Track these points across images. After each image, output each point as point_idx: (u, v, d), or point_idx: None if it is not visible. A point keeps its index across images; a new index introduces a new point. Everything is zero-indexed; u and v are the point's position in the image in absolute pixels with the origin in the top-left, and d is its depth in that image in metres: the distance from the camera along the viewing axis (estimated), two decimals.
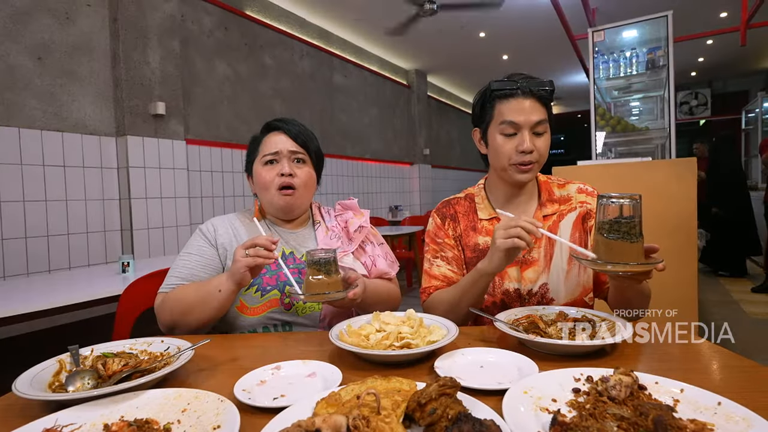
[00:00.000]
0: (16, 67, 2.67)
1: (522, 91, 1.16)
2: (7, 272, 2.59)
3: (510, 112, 1.16)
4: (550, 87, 1.18)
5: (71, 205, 2.92)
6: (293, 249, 1.33)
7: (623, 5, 4.93)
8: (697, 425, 0.57)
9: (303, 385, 0.77)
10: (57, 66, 2.86)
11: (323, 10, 5.18)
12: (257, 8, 4.63)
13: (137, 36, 3.19)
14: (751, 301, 4.28)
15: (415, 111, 7.55)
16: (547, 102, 1.19)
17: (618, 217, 0.88)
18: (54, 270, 2.80)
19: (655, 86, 3.87)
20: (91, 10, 3.04)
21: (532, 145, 1.15)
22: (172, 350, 0.88)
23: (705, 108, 9.45)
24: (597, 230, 0.92)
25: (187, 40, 3.75)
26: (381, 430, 0.57)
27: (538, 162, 1.19)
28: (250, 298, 1.20)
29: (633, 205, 0.88)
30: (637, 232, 0.88)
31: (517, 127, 1.16)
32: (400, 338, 0.88)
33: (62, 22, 2.89)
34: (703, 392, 0.64)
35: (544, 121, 1.17)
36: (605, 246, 0.89)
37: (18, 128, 2.66)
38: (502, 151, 1.19)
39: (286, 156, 1.29)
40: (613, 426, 0.56)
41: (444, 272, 1.27)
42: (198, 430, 0.61)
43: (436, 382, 0.62)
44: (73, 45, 2.94)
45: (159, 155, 3.32)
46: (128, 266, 2.15)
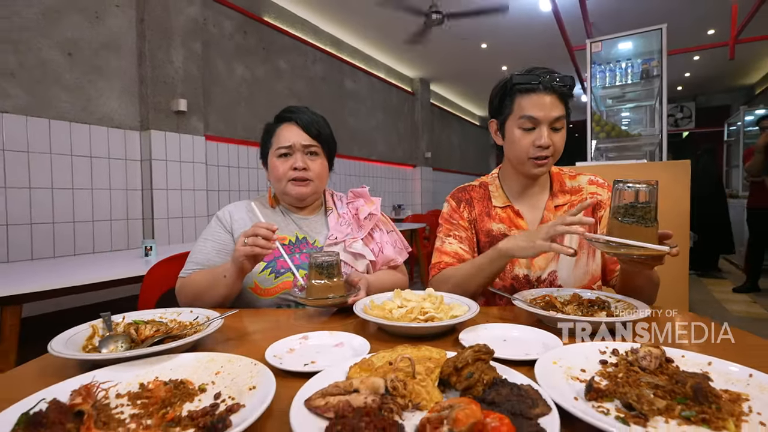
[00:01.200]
0: (48, 61, 2.64)
1: (543, 86, 1.10)
2: (35, 255, 2.56)
3: (530, 107, 1.11)
4: (571, 83, 1.13)
5: (96, 193, 2.88)
6: (306, 235, 1.29)
7: (615, 22, 4.90)
8: (732, 395, 0.54)
9: (331, 353, 0.73)
10: (86, 62, 2.83)
11: (335, 19, 5.15)
12: (274, 15, 4.60)
13: (162, 37, 3.16)
14: (733, 301, 4.24)
15: (418, 117, 7.51)
16: (566, 98, 1.14)
17: (634, 201, 0.84)
18: (79, 254, 2.76)
19: (647, 96, 3.83)
20: (120, 10, 3.01)
21: (550, 141, 1.11)
22: (201, 319, 0.85)
23: (690, 120, 9.41)
24: (612, 215, 0.87)
25: (209, 43, 3.72)
26: (417, 393, 0.54)
27: (554, 156, 1.15)
28: (264, 279, 1.17)
29: (650, 191, 0.84)
30: (652, 217, 0.83)
31: (536, 122, 1.11)
32: (423, 312, 0.84)
33: (92, 21, 2.86)
34: (732, 365, 0.61)
35: (563, 117, 1.13)
36: (620, 229, 0.84)
37: (48, 119, 2.63)
38: (520, 146, 1.14)
39: (300, 150, 1.25)
40: (650, 393, 0.53)
41: (456, 249, 1.23)
42: (233, 390, 0.58)
43: (471, 348, 0.58)
44: (101, 43, 2.91)
45: (180, 149, 3.28)
46: (151, 250, 2.12)
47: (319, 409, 0.50)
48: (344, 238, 1.26)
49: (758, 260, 4.47)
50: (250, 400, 0.54)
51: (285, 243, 1.24)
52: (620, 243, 0.82)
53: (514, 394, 0.51)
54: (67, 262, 2.23)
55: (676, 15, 5.00)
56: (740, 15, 3.82)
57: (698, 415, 0.48)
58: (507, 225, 1.22)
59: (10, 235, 2.45)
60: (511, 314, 0.99)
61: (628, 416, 0.49)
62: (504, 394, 0.51)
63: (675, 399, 0.52)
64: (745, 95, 8.87)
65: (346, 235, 1.27)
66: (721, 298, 4.33)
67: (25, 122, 2.52)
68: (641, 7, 4.91)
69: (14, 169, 2.47)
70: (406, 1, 4.69)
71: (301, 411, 0.50)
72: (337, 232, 1.28)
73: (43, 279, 1.60)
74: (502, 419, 0.43)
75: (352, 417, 0.42)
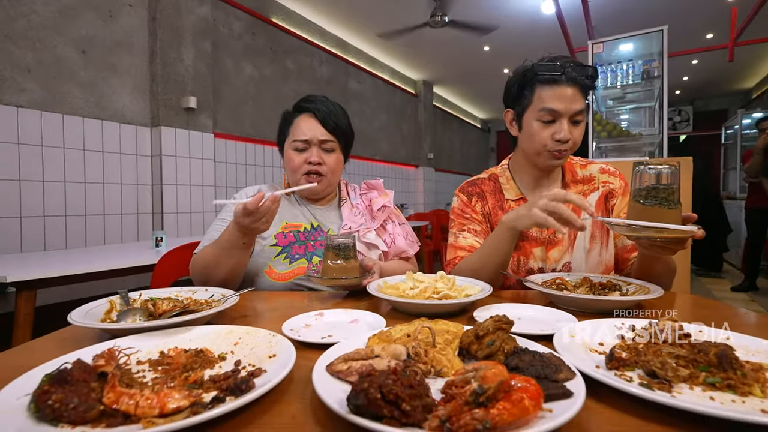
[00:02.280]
0: (63, 58, 2.64)
1: (567, 78, 1.03)
2: (47, 246, 2.55)
3: (551, 99, 1.04)
4: (594, 74, 1.07)
5: (108, 188, 2.88)
6: (320, 223, 1.28)
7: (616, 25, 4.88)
8: (754, 365, 0.52)
9: (347, 329, 0.72)
10: (99, 59, 2.83)
11: (341, 21, 5.15)
12: (282, 16, 4.61)
13: (173, 35, 3.16)
14: (731, 299, 4.21)
15: (421, 118, 7.51)
16: (588, 90, 1.08)
17: (656, 183, 0.80)
18: (90, 246, 2.76)
19: (647, 97, 3.81)
20: (132, 9, 3.02)
21: (570, 134, 1.05)
22: (217, 297, 0.84)
23: (687, 124, 9.38)
24: (632, 198, 0.83)
25: (218, 42, 3.72)
26: (438, 361, 0.52)
27: (572, 149, 1.10)
28: (279, 263, 1.15)
29: (672, 172, 0.79)
30: (676, 199, 0.79)
31: (557, 114, 1.04)
32: (437, 292, 0.83)
33: (105, 20, 2.86)
34: (751, 338, 0.59)
35: (583, 111, 1.07)
36: (641, 212, 0.79)
37: (62, 115, 2.63)
38: (539, 138, 1.08)
39: (316, 144, 1.22)
40: (672, 362, 0.51)
41: (471, 243, 1.18)
42: (253, 359, 0.57)
43: (491, 318, 0.57)
44: (114, 41, 2.91)
45: (189, 146, 3.28)
46: (161, 241, 2.11)
47: (341, 373, 0.49)
48: (358, 228, 1.25)
49: (756, 260, 4.44)
50: (271, 366, 0.53)
51: (300, 230, 1.23)
52: (643, 226, 0.77)
53: (537, 360, 0.49)
54: (79, 253, 2.22)
55: (676, 18, 4.98)
56: (739, 18, 3.80)
57: (723, 381, 0.47)
58: None
59: (23, 227, 2.45)
60: (524, 298, 0.97)
61: (651, 383, 0.48)
62: (527, 360, 0.49)
63: (698, 367, 0.50)
64: (742, 99, 8.84)
65: (360, 225, 1.26)
66: (719, 297, 4.30)
67: (40, 117, 2.52)
68: (641, 10, 4.90)
69: (29, 163, 2.47)
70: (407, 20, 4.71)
71: (323, 375, 0.49)
72: (351, 222, 1.26)
73: (57, 267, 1.59)
74: (528, 380, 0.41)
75: (379, 376, 0.40)
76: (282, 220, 1.24)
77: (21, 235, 2.44)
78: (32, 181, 2.49)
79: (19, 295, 1.52)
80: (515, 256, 1.17)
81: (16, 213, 2.42)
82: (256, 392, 0.44)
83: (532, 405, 0.38)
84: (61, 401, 0.40)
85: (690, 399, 0.45)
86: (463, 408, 0.37)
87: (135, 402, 0.41)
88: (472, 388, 0.39)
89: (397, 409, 0.38)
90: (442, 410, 0.38)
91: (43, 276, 1.48)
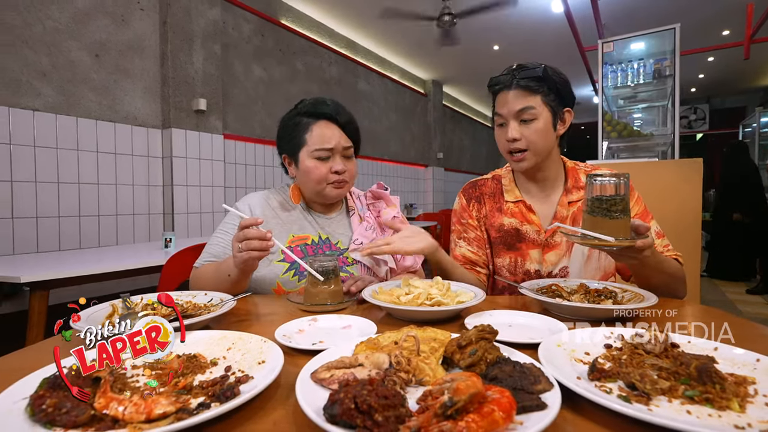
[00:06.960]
0: (76, 62, 2.71)
1: (504, 84, 1.12)
2: (62, 246, 2.63)
3: (498, 106, 1.15)
4: (534, 74, 1.08)
5: (120, 189, 2.95)
6: (329, 235, 1.24)
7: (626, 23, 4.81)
8: (738, 378, 0.52)
9: (339, 334, 0.74)
10: (112, 63, 2.89)
11: (350, 22, 5.17)
12: (291, 18, 4.64)
13: (183, 39, 3.22)
14: (746, 302, 4.12)
15: (430, 118, 7.49)
16: (535, 89, 1.09)
17: (600, 194, 0.83)
18: (103, 246, 2.83)
19: (660, 96, 3.74)
20: (144, 13, 3.08)
21: (519, 133, 1.11)
22: (215, 302, 0.86)
23: (703, 122, 9.18)
24: (584, 207, 0.87)
25: (228, 45, 3.77)
26: (421, 370, 0.53)
27: (530, 149, 1.11)
28: (287, 281, 1.13)
29: (616, 184, 0.83)
30: (620, 209, 0.82)
31: (503, 118, 1.14)
32: (430, 298, 0.84)
33: (118, 24, 2.92)
34: (738, 350, 0.59)
35: (530, 108, 1.09)
36: (590, 222, 0.84)
37: (76, 117, 2.70)
38: (499, 142, 1.18)
39: (339, 152, 1.18)
40: (653, 374, 0.51)
41: (464, 252, 1.24)
42: (243, 364, 0.59)
43: (475, 328, 0.58)
44: (126, 44, 2.97)
45: (199, 147, 3.34)
46: (170, 242, 2.16)
47: (324, 381, 0.50)
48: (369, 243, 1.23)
49: None
50: (259, 373, 0.54)
51: (308, 243, 1.20)
52: (583, 235, 0.83)
53: (517, 371, 0.50)
54: (91, 253, 2.28)
55: (690, 15, 4.89)
56: (756, 14, 3.71)
57: (702, 394, 0.47)
58: (519, 219, 1.20)
59: (39, 227, 2.52)
60: (519, 304, 0.98)
61: (630, 395, 0.48)
62: (506, 371, 0.50)
63: (679, 380, 0.50)
64: (761, 96, 8.62)
65: (371, 241, 1.22)
66: (734, 299, 4.22)
67: (55, 120, 2.59)
68: (653, 7, 4.81)
69: (44, 165, 2.54)
70: (416, 10, 4.68)
71: (306, 383, 0.50)
72: (363, 237, 1.23)
73: (70, 267, 1.64)
74: (503, 392, 0.42)
75: (355, 386, 0.42)
76: (289, 233, 1.21)
77: (37, 235, 2.51)
78: (47, 183, 2.56)
79: (32, 295, 1.57)
80: (513, 257, 1.19)
81: (32, 214, 2.49)
82: (240, 399, 0.46)
83: (503, 417, 0.39)
84: (55, 406, 0.43)
85: (666, 413, 0.45)
86: (432, 420, 0.38)
87: (124, 407, 0.43)
88: (443, 400, 0.40)
89: (370, 420, 0.39)
90: (414, 421, 0.39)
91: (55, 277, 1.53)
